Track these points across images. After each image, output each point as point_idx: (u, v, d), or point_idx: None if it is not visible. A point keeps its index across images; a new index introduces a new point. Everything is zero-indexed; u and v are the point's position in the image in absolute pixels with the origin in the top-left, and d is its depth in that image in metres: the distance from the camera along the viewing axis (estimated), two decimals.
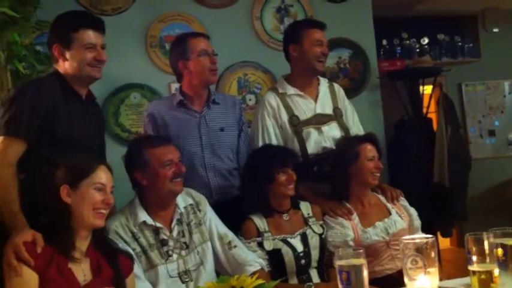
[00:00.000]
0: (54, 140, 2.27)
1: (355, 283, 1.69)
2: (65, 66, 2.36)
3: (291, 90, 2.96)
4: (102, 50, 2.39)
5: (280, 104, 2.93)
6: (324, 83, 3.06)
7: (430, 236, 1.67)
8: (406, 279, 1.65)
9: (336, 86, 3.13)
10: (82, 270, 1.93)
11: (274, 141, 2.87)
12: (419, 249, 1.65)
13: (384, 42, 5.17)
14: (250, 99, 4.12)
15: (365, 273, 1.70)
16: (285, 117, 2.91)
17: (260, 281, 1.40)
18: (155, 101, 2.96)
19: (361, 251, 1.73)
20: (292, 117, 2.91)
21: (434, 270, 1.62)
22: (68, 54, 2.34)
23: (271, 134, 2.89)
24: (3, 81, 3.13)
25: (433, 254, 1.62)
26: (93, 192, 1.97)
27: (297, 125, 2.90)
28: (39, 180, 2.06)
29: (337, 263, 1.74)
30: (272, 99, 2.94)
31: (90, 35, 2.35)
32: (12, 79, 3.16)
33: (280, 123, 2.91)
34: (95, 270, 1.96)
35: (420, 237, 1.68)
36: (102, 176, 2.00)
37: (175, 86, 3.83)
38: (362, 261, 1.70)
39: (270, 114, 2.91)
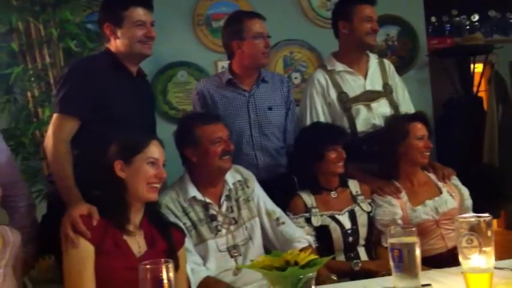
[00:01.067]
0: (107, 117, 2.31)
1: (407, 261, 1.67)
2: (116, 44, 2.40)
3: (339, 66, 2.93)
4: (152, 27, 2.42)
5: (328, 81, 2.90)
6: (373, 59, 3.01)
7: (486, 214, 1.63)
8: (460, 258, 1.62)
9: (386, 62, 3.08)
10: (137, 243, 1.98)
11: (322, 120, 2.86)
12: (475, 228, 1.61)
13: (433, 19, 5.03)
14: (295, 78, 4.10)
15: (417, 251, 1.68)
16: (333, 94, 2.89)
17: (313, 256, 1.40)
18: (204, 79, 2.97)
19: (414, 229, 1.71)
20: (341, 94, 2.88)
21: (490, 250, 1.59)
22: (119, 33, 2.38)
23: (319, 112, 2.87)
24: (55, 58, 3.22)
25: (489, 233, 1.59)
26: (147, 166, 2.00)
27: (346, 102, 2.87)
28: (93, 156, 2.10)
29: (389, 240, 1.73)
30: (321, 77, 2.92)
31: (140, 13, 2.38)
32: (64, 57, 3.26)
33: (328, 101, 2.89)
34: (149, 243, 2.01)
35: (476, 215, 1.64)
36: (154, 150, 2.03)
37: (221, 64, 3.89)
38: (414, 239, 1.68)
39: (319, 92, 2.89)
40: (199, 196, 2.39)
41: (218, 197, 2.43)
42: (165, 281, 1.41)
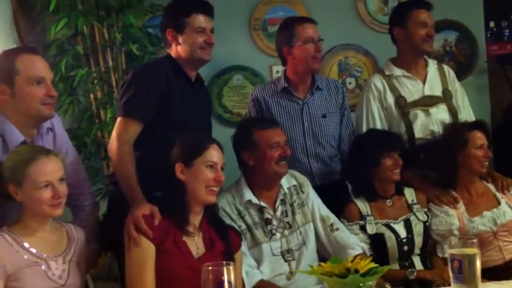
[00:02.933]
0: (167, 120, 2.37)
1: (467, 272, 1.66)
2: (177, 50, 2.45)
3: (397, 71, 2.90)
4: (212, 34, 2.47)
5: (386, 86, 2.88)
6: (432, 64, 2.97)
7: None
8: None
9: (446, 67, 3.03)
10: (196, 244, 2.03)
11: (378, 125, 2.84)
12: None
13: (492, 24, 4.91)
14: (350, 83, 4.08)
15: (478, 263, 1.66)
16: (391, 99, 2.86)
17: (373, 265, 1.41)
18: (260, 86, 2.99)
19: (475, 240, 1.70)
20: (399, 99, 2.85)
21: None
22: (180, 39, 2.43)
23: (376, 117, 2.85)
24: (118, 62, 3.33)
25: None
26: (205, 170, 2.04)
27: (404, 106, 2.84)
28: (154, 158, 2.16)
29: (449, 251, 1.71)
30: (378, 82, 2.90)
31: (201, 19, 2.43)
32: (126, 60, 3.36)
33: (385, 106, 2.86)
34: (208, 244, 2.05)
35: None
36: (214, 154, 2.06)
37: (276, 68, 3.92)
38: (475, 250, 1.67)
39: (376, 97, 2.87)
40: (255, 200, 2.42)
41: (273, 201, 2.45)
42: (226, 283, 1.45)
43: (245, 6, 3.97)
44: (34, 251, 1.90)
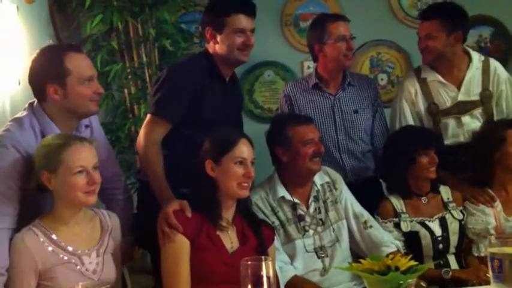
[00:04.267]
0: (197, 119, 2.37)
1: (507, 272, 1.64)
2: (215, 48, 2.44)
3: (431, 76, 2.81)
4: (252, 34, 2.44)
5: (418, 90, 2.81)
6: (476, 61, 2.82)
7: None
8: None
9: (493, 63, 2.87)
10: (229, 238, 2.03)
11: (408, 118, 2.79)
12: None
13: None
14: (382, 79, 4.03)
15: None
16: (422, 105, 2.79)
17: (413, 263, 1.40)
18: (291, 83, 2.99)
19: None
20: (431, 106, 2.78)
21: None
22: (218, 38, 2.41)
23: (408, 118, 2.80)
24: (151, 57, 3.36)
25: None
26: (235, 166, 2.02)
27: (436, 114, 2.77)
28: (184, 156, 2.17)
29: (489, 250, 1.69)
30: (410, 85, 2.84)
31: (241, 20, 2.39)
32: (159, 55, 3.38)
33: (416, 110, 2.81)
34: (241, 239, 2.06)
35: None
36: (243, 149, 2.05)
37: (307, 63, 3.89)
38: None
39: (408, 100, 2.82)
40: (288, 196, 2.42)
41: (306, 197, 2.45)
42: (265, 278, 1.45)
43: (276, 2, 3.95)
44: (66, 247, 1.88)
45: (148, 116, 2.37)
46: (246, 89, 3.93)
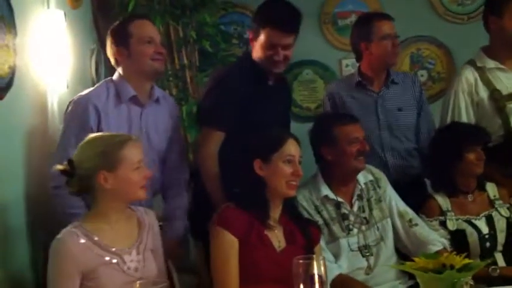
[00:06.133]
0: (247, 123, 2.42)
1: None
2: (255, 52, 2.51)
3: (490, 63, 2.79)
4: (287, 49, 2.46)
5: (478, 79, 2.78)
6: None
7: None
8: None
9: None
10: (277, 237, 2.05)
11: (464, 119, 2.76)
12: None
13: None
14: (422, 75, 3.98)
15: None
16: (484, 93, 2.76)
17: (468, 260, 1.39)
18: (335, 82, 3.06)
19: None
20: (494, 92, 2.74)
21: None
22: (255, 44, 2.49)
23: (462, 111, 2.76)
24: (192, 59, 3.40)
25: None
26: (283, 165, 2.05)
27: (499, 100, 2.73)
28: (235, 159, 2.19)
29: None
30: (469, 74, 2.80)
31: (274, 36, 2.42)
32: (199, 57, 3.42)
33: (476, 100, 2.77)
34: (288, 238, 2.07)
35: None
36: (291, 148, 2.08)
37: (346, 62, 3.89)
38: None
39: (465, 91, 2.78)
40: (332, 195, 2.42)
41: (350, 196, 2.45)
42: (317, 276, 1.46)
43: (315, 0, 3.95)
44: (108, 247, 1.87)
45: (203, 128, 2.50)
46: None
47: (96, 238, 1.86)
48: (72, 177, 1.88)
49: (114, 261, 1.87)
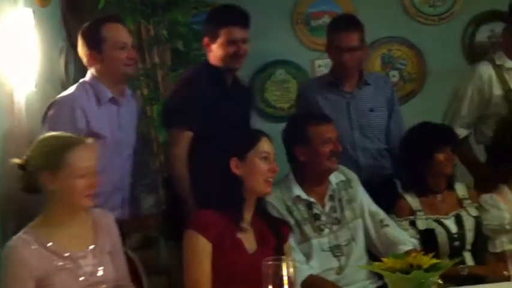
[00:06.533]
0: (210, 121, 2.50)
1: None
2: (211, 56, 2.63)
3: (509, 63, 2.83)
4: (244, 44, 2.60)
5: (493, 76, 2.82)
6: None
7: None
8: None
9: None
10: (249, 239, 2.04)
11: (463, 113, 2.83)
12: None
13: None
14: (393, 76, 4.02)
15: None
16: (498, 91, 2.80)
17: (436, 260, 1.40)
18: (308, 81, 3.10)
19: None
20: (509, 93, 2.79)
21: None
22: (212, 46, 2.60)
23: (463, 108, 2.83)
24: (163, 58, 3.38)
25: None
26: (260, 162, 2.05)
27: None
28: (206, 159, 2.22)
29: (508, 247, 1.69)
30: (485, 71, 2.84)
31: (234, 32, 2.57)
32: (171, 56, 3.40)
33: (487, 97, 2.80)
34: (260, 239, 2.07)
35: None
36: (265, 145, 2.07)
37: (319, 62, 3.89)
38: None
39: (475, 86, 2.83)
40: (304, 195, 2.42)
41: (322, 196, 2.46)
42: (286, 277, 1.46)
43: (288, 0, 3.96)
44: (61, 252, 1.82)
45: (170, 131, 2.61)
46: (257, 88, 3.94)
47: (49, 244, 1.81)
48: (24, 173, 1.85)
49: (69, 266, 1.81)
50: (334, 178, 2.50)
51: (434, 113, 2.98)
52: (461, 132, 2.85)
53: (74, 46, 3.07)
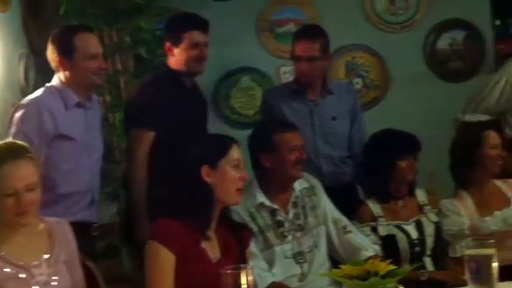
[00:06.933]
0: (171, 125, 2.54)
1: (484, 273, 1.66)
2: (172, 61, 2.67)
3: None
4: (206, 47, 2.68)
5: None
6: None
7: None
8: None
9: None
10: (213, 248, 1.98)
11: (491, 102, 2.93)
12: None
13: (497, 22, 4.88)
14: (357, 83, 4.07)
15: (495, 264, 1.66)
16: None
17: (393, 267, 1.42)
18: (272, 88, 3.15)
19: (492, 241, 1.69)
20: None
21: None
22: (175, 51, 2.65)
23: (492, 97, 2.93)
24: (126, 65, 3.34)
25: None
26: (231, 170, 1.96)
27: None
28: (168, 165, 2.17)
29: (466, 252, 1.71)
30: None
31: (196, 36, 2.64)
32: (135, 63, 3.37)
33: None
34: (223, 248, 2.01)
35: None
36: (236, 152, 1.99)
37: (284, 69, 3.91)
38: (492, 251, 1.67)
39: (502, 78, 2.94)
40: (267, 202, 2.42)
41: (285, 203, 2.46)
42: (245, 286, 1.45)
43: (253, 8, 3.97)
44: (13, 261, 1.76)
45: (131, 132, 2.62)
46: (222, 95, 3.94)
47: (1, 253, 1.77)
48: None
49: (22, 275, 1.77)
50: (298, 185, 2.51)
51: (397, 120, 3.03)
52: (485, 117, 2.95)
53: (35, 52, 3.03)
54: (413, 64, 4.02)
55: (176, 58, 2.66)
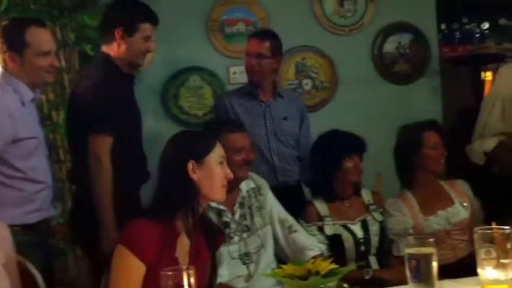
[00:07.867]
0: (124, 123, 2.47)
1: (424, 272, 1.68)
2: (119, 50, 2.52)
3: None
4: (152, 41, 2.62)
5: None
6: None
7: (507, 227, 1.64)
8: (478, 269, 1.63)
9: None
10: (184, 256, 1.86)
11: (495, 116, 2.85)
12: (494, 240, 1.63)
13: (443, 26, 5.02)
14: (306, 84, 4.09)
15: (434, 262, 1.69)
16: None
17: (334, 266, 1.42)
18: (229, 92, 3.35)
19: (432, 240, 1.72)
20: None
21: (508, 262, 1.60)
22: (127, 40, 2.51)
23: (496, 109, 2.86)
24: (71, 62, 3.26)
25: (508, 246, 1.60)
26: (218, 167, 1.89)
27: None
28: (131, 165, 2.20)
29: (407, 250, 1.73)
30: None
31: (150, 28, 2.56)
32: (79, 60, 3.29)
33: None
34: (194, 252, 1.89)
35: (496, 228, 1.65)
36: (220, 150, 1.92)
37: (233, 69, 3.90)
38: (432, 250, 1.69)
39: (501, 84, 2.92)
40: (213, 203, 2.39)
41: (232, 204, 2.44)
42: (186, 287, 1.42)
43: (202, 7, 3.93)
44: None
45: (89, 137, 2.43)
46: (171, 94, 3.88)
47: None
48: None
49: None
50: (245, 185, 2.50)
51: (345, 121, 3.07)
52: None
53: None
54: (361, 66, 4.07)
55: (126, 47, 2.50)
